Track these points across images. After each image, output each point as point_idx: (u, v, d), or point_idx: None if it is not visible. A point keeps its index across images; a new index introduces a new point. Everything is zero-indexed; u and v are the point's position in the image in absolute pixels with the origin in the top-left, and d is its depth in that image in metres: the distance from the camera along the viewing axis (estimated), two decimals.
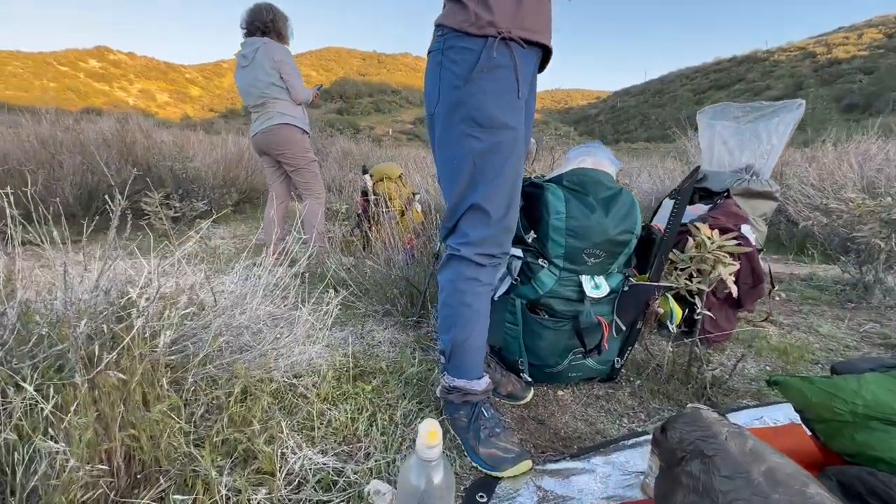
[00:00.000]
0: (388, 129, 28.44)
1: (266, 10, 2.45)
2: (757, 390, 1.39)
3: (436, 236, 2.21)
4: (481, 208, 0.98)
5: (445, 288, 1.06)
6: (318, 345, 1.32)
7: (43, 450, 0.76)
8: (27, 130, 3.79)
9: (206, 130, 8.26)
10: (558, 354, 1.25)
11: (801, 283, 2.58)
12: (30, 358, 0.86)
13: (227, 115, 31.68)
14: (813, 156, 4.45)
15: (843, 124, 8.79)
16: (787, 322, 2.01)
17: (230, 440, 0.90)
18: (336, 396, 1.17)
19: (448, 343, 1.07)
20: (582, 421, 1.21)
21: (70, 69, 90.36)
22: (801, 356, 1.62)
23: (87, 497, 0.73)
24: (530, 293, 1.23)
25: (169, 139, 4.70)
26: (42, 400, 0.77)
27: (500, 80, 0.95)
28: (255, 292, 1.17)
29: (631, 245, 1.21)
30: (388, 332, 1.70)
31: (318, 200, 2.74)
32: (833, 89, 21.54)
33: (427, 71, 1.04)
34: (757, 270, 1.64)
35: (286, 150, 2.58)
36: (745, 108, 1.98)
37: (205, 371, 1.03)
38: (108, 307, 0.89)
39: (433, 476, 0.58)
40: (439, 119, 1.01)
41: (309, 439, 0.99)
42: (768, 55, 32.34)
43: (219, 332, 1.04)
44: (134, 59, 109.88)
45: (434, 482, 0.58)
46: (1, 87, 68.09)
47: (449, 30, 0.97)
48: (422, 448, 0.58)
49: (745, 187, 1.86)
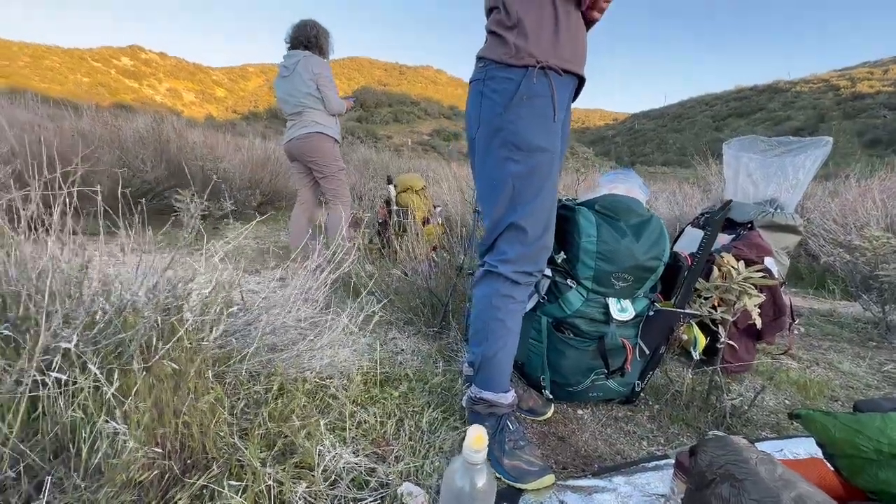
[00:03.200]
0: (408, 140, 28.83)
1: (311, 26, 2.58)
2: (776, 423, 1.40)
3: (458, 250, 2.26)
4: (520, 227, 1.03)
5: (480, 302, 1.10)
6: (347, 349, 1.37)
7: (104, 430, 0.82)
8: (70, 124, 3.97)
9: (229, 131, 8.52)
10: (581, 373, 1.28)
11: (820, 318, 2.56)
12: (93, 343, 0.93)
13: (249, 118, 32.60)
14: (835, 190, 4.43)
15: (867, 159, 8.69)
16: (806, 357, 2.00)
17: (270, 434, 0.95)
18: (364, 399, 1.22)
19: (478, 355, 1.11)
20: (602, 440, 1.23)
21: (103, 65, 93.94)
22: (820, 392, 1.62)
23: (144, 477, 0.79)
24: (557, 312, 1.26)
25: (199, 139, 4.86)
26: (106, 382, 0.83)
27: (538, 107, 1.01)
28: (298, 295, 1.23)
29: (659, 271, 1.24)
30: (410, 341, 1.74)
31: (344, 206, 2.83)
32: (856, 123, 21.36)
33: (469, 99, 1.11)
34: (779, 303, 1.66)
35: (318, 157, 2.68)
36: (772, 142, 2.01)
37: (245, 366, 1.09)
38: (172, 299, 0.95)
39: (477, 479, 0.62)
40: (479, 143, 1.07)
41: (341, 439, 1.04)
42: (790, 86, 32.27)
43: (264, 330, 1.09)
44: (165, 59, 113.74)
45: (478, 485, 0.62)
46: (37, 79, 71.10)
47: (490, 62, 1.04)
48: (468, 451, 0.62)
49: (770, 220, 1.88)
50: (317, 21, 2.66)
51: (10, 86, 49.42)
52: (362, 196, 5.38)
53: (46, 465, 0.81)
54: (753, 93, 34.55)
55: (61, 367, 0.84)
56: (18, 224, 0.99)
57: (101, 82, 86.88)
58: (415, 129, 43.26)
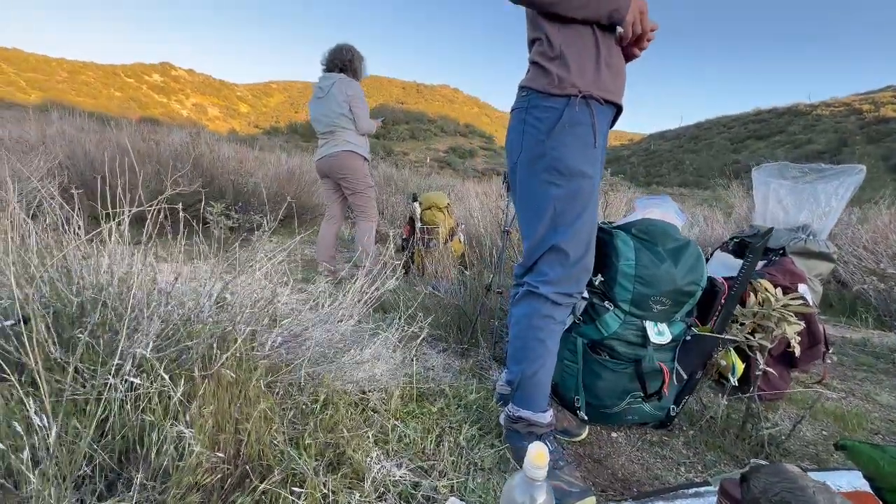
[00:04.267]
0: (427, 157, 29.26)
1: (346, 50, 2.71)
2: (815, 454, 1.37)
3: (485, 268, 2.29)
4: (561, 249, 1.06)
5: (520, 322, 1.13)
6: (385, 363, 1.40)
7: (169, 434, 0.86)
8: (110, 137, 4.17)
9: (252, 145, 8.82)
10: (616, 396, 1.29)
11: (853, 347, 2.50)
12: (158, 350, 0.98)
13: (270, 132, 33.65)
14: (864, 216, 4.35)
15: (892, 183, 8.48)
16: (840, 387, 1.96)
17: (319, 443, 0.98)
18: (403, 414, 1.24)
19: (517, 374, 1.13)
20: (638, 464, 1.23)
21: (135, 81, 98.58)
22: (859, 424, 1.58)
23: (208, 481, 0.82)
24: (593, 333, 1.28)
25: (230, 153, 5.05)
26: (173, 388, 0.88)
27: (580, 135, 1.05)
28: (346, 311, 1.28)
29: (696, 296, 1.25)
30: (440, 358, 1.77)
31: (371, 223, 2.90)
32: (880, 147, 20.99)
33: (511, 126, 1.16)
34: (814, 331, 1.64)
35: (348, 174, 2.78)
36: (804, 169, 2.02)
37: (294, 377, 1.13)
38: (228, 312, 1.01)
39: (537, 496, 0.64)
40: (521, 168, 1.12)
41: (385, 452, 1.06)
42: (811, 109, 31.94)
43: (315, 343, 1.14)
44: (193, 75, 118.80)
45: (537, 502, 0.64)
46: (73, 93, 75.15)
47: (533, 91, 1.08)
48: (529, 467, 0.64)
49: (803, 246, 1.87)
50: (352, 45, 2.79)
51: (46, 99, 52.10)
52: (383, 211, 5.49)
53: (115, 465, 0.85)
54: (773, 115, 34.30)
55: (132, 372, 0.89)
56: (86, 234, 1.06)
57: (132, 97, 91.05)
58: (431, 146, 43.97)
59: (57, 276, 0.92)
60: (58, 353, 0.85)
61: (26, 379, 0.88)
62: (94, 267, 0.97)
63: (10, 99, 33.48)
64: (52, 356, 0.87)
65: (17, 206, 1.07)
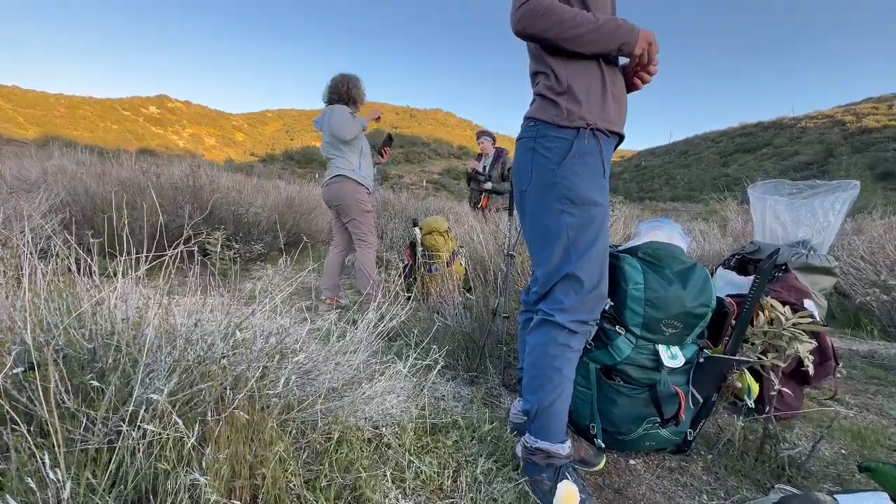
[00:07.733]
0: (423, 180, 29.58)
1: (341, 82, 2.75)
2: (836, 475, 1.35)
3: (490, 293, 2.29)
4: (576, 277, 1.07)
5: (535, 350, 1.12)
6: (396, 396, 1.38)
7: (184, 482, 0.84)
8: (113, 172, 4.20)
9: (249, 173, 8.91)
10: (632, 422, 1.27)
11: (861, 360, 2.50)
12: (170, 395, 0.96)
13: (266, 160, 34.10)
14: (859, 227, 4.41)
15: (881, 192, 8.60)
16: (853, 402, 1.94)
17: (336, 486, 0.96)
18: (417, 448, 1.22)
19: (534, 404, 1.11)
20: (660, 493, 1.20)
21: (132, 114, 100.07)
22: (878, 441, 1.56)
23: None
24: (606, 359, 1.28)
25: (229, 183, 5.09)
26: (187, 433, 0.86)
27: (590, 164, 1.08)
28: (357, 347, 1.27)
29: (707, 318, 1.26)
30: (450, 386, 1.74)
31: (370, 249, 2.86)
32: (866, 157, 21.41)
33: (519, 156, 1.19)
34: (824, 347, 1.63)
35: (341, 202, 2.77)
36: (799, 186, 2.06)
37: (307, 415, 1.11)
38: (237, 352, 1.00)
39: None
40: (532, 197, 1.14)
41: (402, 491, 1.03)
42: (795, 122, 32.79)
43: (325, 382, 1.12)
44: (189, 107, 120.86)
45: None
46: (71, 127, 76.20)
47: (541, 122, 1.11)
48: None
49: (805, 262, 1.89)
50: (346, 74, 2.81)
51: (43, 133, 52.64)
52: (382, 235, 5.50)
53: None
54: (759, 129, 35.11)
55: (144, 417, 0.87)
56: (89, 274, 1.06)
57: (129, 129, 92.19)
58: (426, 169, 44.48)
59: (70, 322, 0.92)
60: (70, 401, 0.83)
61: (35, 428, 0.87)
62: (109, 314, 0.96)
63: (8, 135, 33.89)
64: (63, 404, 0.86)
65: (27, 248, 1.06)
